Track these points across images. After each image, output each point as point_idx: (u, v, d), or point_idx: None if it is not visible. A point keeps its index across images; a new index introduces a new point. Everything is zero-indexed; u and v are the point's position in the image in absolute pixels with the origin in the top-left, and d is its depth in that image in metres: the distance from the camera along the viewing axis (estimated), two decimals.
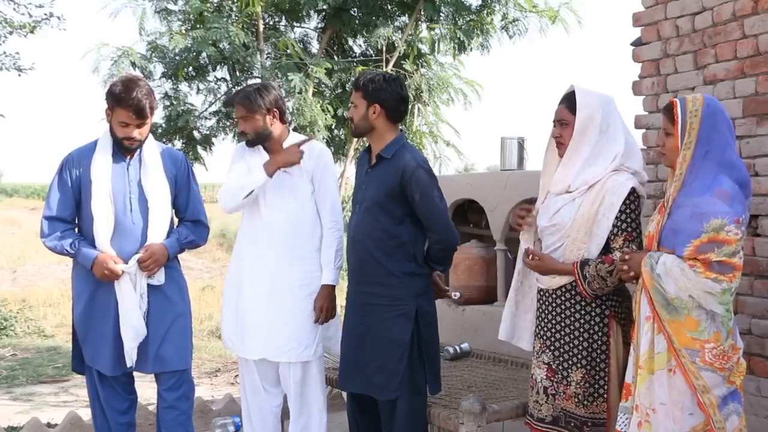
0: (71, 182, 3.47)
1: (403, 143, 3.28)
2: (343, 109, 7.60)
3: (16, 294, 13.12)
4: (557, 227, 2.97)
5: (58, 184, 3.47)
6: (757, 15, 3.35)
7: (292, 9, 7.84)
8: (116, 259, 3.39)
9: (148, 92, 3.42)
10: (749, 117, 3.39)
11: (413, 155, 3.22)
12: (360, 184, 3.32)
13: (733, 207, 2.51)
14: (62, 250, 3.44)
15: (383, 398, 3.17)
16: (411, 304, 3.16)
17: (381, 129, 3.25)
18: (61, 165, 3.51)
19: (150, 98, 3.41)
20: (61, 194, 3.46)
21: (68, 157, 3.52)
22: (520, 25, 8.09)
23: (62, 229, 3.46)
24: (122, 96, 3.34)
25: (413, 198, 3.14)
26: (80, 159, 3.49)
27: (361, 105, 3.24)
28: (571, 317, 2.95)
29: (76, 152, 3.53)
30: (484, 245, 5.09)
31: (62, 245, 3.43)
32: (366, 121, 3.24)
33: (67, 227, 3.49)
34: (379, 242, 3.16)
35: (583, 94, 2.94)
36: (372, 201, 3.20)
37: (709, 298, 2.52)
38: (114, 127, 3.43)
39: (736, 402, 2.59)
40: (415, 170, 3.14)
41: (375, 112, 3.22)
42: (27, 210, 34.31)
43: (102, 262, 3.36)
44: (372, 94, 3.21)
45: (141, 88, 3.37)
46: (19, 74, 10.06)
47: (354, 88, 3.31)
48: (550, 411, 2.97)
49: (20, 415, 6.19)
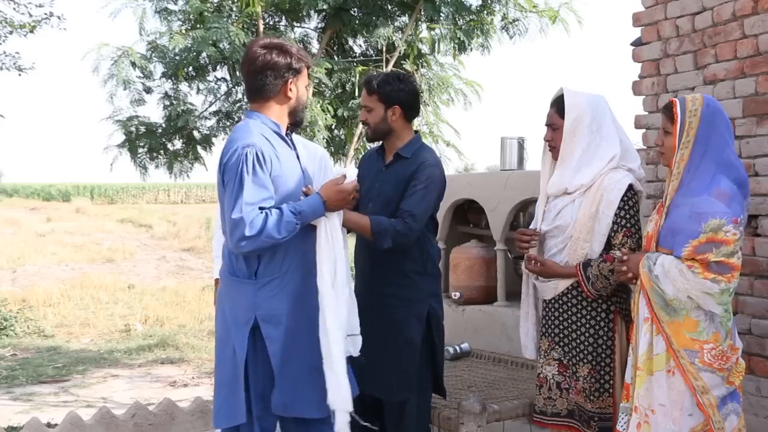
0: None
1: (422, 143, 3.26)
2: (343, 109, 7.60)
3: (16, 294, 13.09)
4: (560, 229, 2.99)
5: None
6: (757, 15, 3.35)
7: (292, 9, 7.83)
8: None
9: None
10: (749, 117, 3.39)
11: (432, 155, 3.22)
12: (372, 182, 3.25)
13: (731, 207, 2.51)
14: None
15: (393, 399, 3.14)
16: (423, 305, 3.15)
17: (399, 129, 3.21)
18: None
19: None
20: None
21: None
22: (520, 25, 8.08)
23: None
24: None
25: (415, 185, 3.08)
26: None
27: (379, 108, 3.17)
28: (577, 314, 2.97)
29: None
30: (484, 245, 5.09)
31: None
32: (385, 124, 3.19)
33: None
34: None
35: (571, 96, 2.97)
36: (387, 198, 3.15)
37: (708, 298, 2.52)
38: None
39: (735, 402, 2.59)
40: (432, 167, 3.13)
41: (394, 114, 3.18)
42: (27, 210, 34.38)
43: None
44: (389, 97, 3.15)
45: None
46: (19, 74, 10.08)
47: (368, 91, 3.20)
48: (564, 405, 3.00)
49: (20, 415, 6.20)
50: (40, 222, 28.67)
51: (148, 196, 49.86)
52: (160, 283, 15.06)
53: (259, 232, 2.54)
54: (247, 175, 2.59)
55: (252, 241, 2.55)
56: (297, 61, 2.77)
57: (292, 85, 2.79)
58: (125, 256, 19.22)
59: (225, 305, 2.76)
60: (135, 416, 4.49)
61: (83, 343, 10.22)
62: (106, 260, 18.38)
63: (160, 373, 8.52)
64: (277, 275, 2.69)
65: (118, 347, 9.86)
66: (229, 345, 2.72)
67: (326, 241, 2.72)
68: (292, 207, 2.62)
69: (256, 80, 2.77)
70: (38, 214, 32.72)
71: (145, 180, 8.45)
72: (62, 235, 23.67)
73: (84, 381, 8.01)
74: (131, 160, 7.94)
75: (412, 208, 3.04)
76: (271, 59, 2.74)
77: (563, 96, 2.98)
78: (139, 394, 7.34)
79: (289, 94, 2.79)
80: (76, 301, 12.95)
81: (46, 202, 43.76)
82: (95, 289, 13.98)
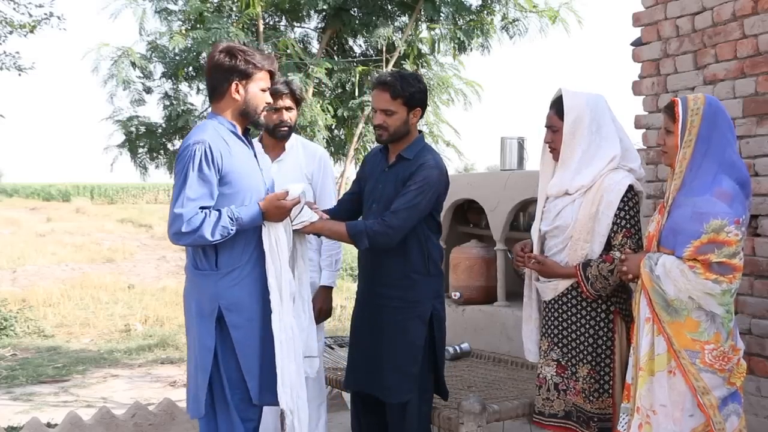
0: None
1: (424, 144, 3.24)
2: (343, 109, 7.59)
3: (16, 294, 13.09)
4: (560, 229, 2.98)
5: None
6: (757, 15, 3.35)
7: (292, 9, 7.83)
8: None
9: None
10: (749, 117, 3.39)
11: (434, 157, 3.18)
12: (375, 183, 3.24)
13: (733, 207, 2.51)
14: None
15: (395, 401, 3.12)
16: (427, 307, 3.13)
17: (413, 130, 3.21)
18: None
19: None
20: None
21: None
22: (520, 25, 8.08)
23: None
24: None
25: (409, 186, 3.06)
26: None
27: (402, 111, 3.11)
28: (577, 314, 2.97)
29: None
30: (484, 245, 5.09)
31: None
32: (406, 127, 3.15)
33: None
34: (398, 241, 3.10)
35: (569, 97, 2.96)
36: (389, 199, 3.12)
37: (709, 299, 2.51)
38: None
39: (736, 403, 2.59)
40: (430, 168, 3.10)
41: (416, 117, 3.16)
42: (27, 210, 34.34)
43: None
44: (412, 99, 3.10)
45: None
46: (19, 74, 10.06)
47: (392, 95, 3.08)
48: (562, 406, 2.99)
49: (20, 415, 6.20)
50: (40, 222, 28.65)
51: (148, 196, 49.79)
52: (160, 283, 15.05)
53: (194, 230, 2.67)
54: (192, 171, 2.71)
55: (186, 237, 2.69)
56: (245, 64, 2.84)
57: (240, 88, 2.86)
58: (125, 256, 19.21)
59: (191, 299, 2.85)
60: (135, 416, 4.49)
61: (83, 343, 10.22)
62: (106, 260, 18.38)
63: (160, 373, 8.52)
64: (237, 265, 2.80)
65: (118, 347, 9.86)
66: (194, 338, 2.81)
67: (270, 250, 2.84)
68: (231, 212, 2.73)
69: (208, 81, 2.92)
70: (38, 214, 32.69)
71: (145, 180, 8.45)
72: (62, 235, 23.65)
73: (84, 381, 8.01)
74: (131, 160, 7.95)
75: (396, 207, 3.03)
76: (218, 61, 2.85)
77: (562, 97, 2.97)
78: (139, 394, 7.34)
79: (234, 95, 2.86)
80: (76, 301, 12.95)
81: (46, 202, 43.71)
82: (95, 289, 13.97)
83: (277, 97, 3.50)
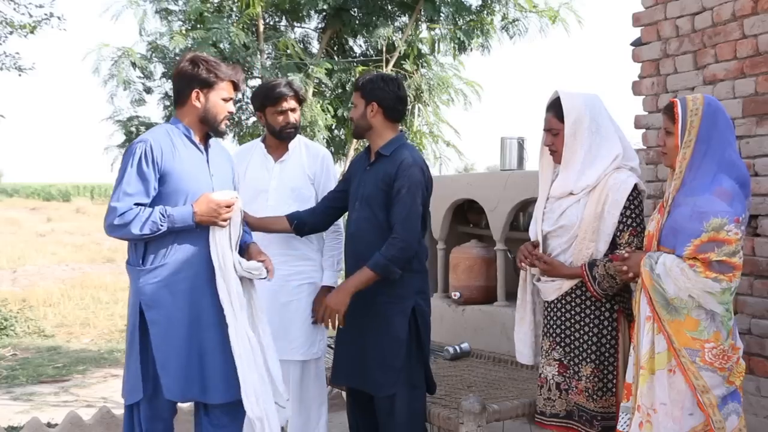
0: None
1: (403, 142, 3.29)
2: (343, 110, 7.60)
3: (16, 294, 13.08)
4: (564, 229, 2.98)
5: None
6: (756, 15, 3.36)
7: (292, 9, 7.84)
8: None
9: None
10: (749, 117, 3.39)
11: (412, 153, 3.24)
12: (359, 182, 3.33)
13: (733, 206, 2.51)
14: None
15: (380, 395, 3.17)
16: (410, 302, 3.18)
17: (379, 127, 3.26)
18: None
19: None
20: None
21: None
22: (520, 25, 8.08)
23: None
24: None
25: (398, 190, 3.12)
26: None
27: (360, 104, 3.27)
28: (581, 314, 2.97)
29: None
30: (484, 245, 5.09)
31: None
32: (364, 120, 3.27)
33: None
34: (378, 238, 3.16)
35: (568, 98, 2.96)
36: (370, 197, 3.21)
37: (709, 297, 2.52)
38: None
39: (736, 402, 2.59)
40: (411, 166, 3.16)
41: (372, 111, 3.24)
42: (27, 210, 34.35)
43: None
44: (369, 93, 3.24)
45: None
46: (20, 74, 10.05)
47: (354, 88, 3.36)
48: (563, 406, 3.00)
49: (20, 415, 6.19)
50: (40, 222, 28.65)
51: None
52: None
53: (125, 224, 2.80)
54: (131, 167, 2.85)
55: (117, 230, 2.84)
56: (207, 73, 2.96)
57: (201, 96, 2.97)
58: (125, 256, 19.18)
59: (130, 292, 2.98)
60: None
61: (83, 343, 10.22)
62: (106, 260, 18.37)
63: None
64: (161, 264, 2.90)
65: (118, 347, 9.85)
66: (128, 328, 2.95)
67: (216, 259, 2.89)
68: (163, 210, 2.84)
69: (173, 87, 3.08)
70: (38, 214, 32.69)
71: None
72: (62, 235, 23.66)
73: (84, 381, 8.00)
74: None
75: (396, 219, 3.12)
76: (182, 69, 2.99)
77: (559, 99, 2.97)
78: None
79: (195, 103, 2.98)
80: (76, 301, 12.94)
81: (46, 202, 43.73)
82: (95, 289, 13.97)
83: (282, 99, 3.55)
